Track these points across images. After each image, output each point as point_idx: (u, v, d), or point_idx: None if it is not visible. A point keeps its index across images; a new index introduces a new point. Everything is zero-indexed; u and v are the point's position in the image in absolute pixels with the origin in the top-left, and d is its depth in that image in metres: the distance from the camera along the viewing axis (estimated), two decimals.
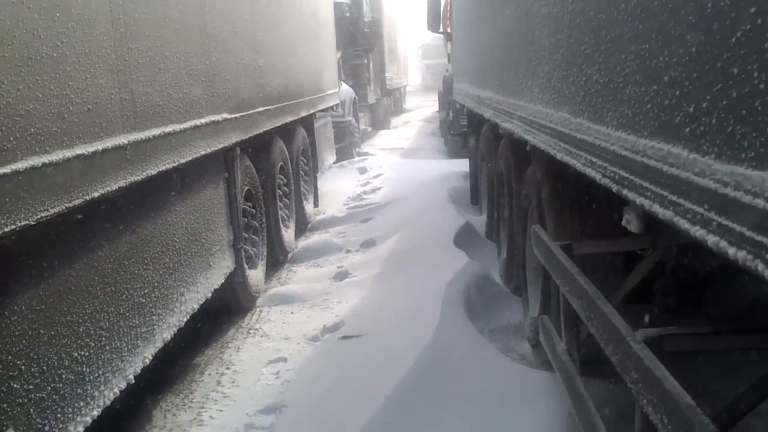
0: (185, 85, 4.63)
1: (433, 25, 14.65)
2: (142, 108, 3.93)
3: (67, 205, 3.08)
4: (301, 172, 9.41)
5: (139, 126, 3.89)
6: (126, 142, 3.68)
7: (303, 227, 9.45)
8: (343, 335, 5.67)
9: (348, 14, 17.01)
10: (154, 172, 4.01)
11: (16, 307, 2.90)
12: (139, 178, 3.82)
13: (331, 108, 11.59)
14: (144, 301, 4.12)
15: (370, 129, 20.60)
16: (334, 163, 12.85)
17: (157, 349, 4.24)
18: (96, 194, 3.33)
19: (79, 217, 3.37)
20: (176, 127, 4.40)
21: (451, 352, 4.94)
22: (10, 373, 2.83)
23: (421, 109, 32.28)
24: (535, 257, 4.51)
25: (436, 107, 24.13)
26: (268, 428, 4.42)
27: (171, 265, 4.56)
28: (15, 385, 2.85)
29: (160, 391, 5.01)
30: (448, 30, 14.02)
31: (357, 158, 15.03)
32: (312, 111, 9.57)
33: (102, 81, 3.50)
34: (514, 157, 6.29)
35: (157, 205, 4.41)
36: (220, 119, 5.29)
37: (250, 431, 4.42)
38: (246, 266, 6.40)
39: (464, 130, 14.61)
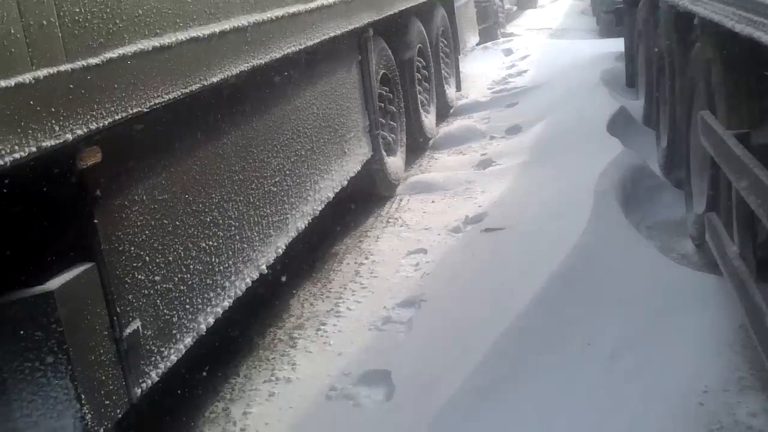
0: None
1: None
2: None
3: (183, 90, 2.92)
4: (441, 54, 9.02)
5: (261, 6, 3.66)
6: (246, 24, 3.47)
7: (444, 112, 9.12)
8: (486, 227, 5.40)
9: None
10: (278, 56, 3.80)
11: (137, 197, 2.80)
12: (262, 62, 3.63)
13: None
14: (275, 189, 3.98)
15: (515, 8, 19.65)
16: (477, 44, 12.30)
17: (291, 239, 4.14)
18: (214, 79, 3.16)
19: (203, 102, 3.22)
20: (302, 7, 4.15)
21: (603, 250, 4.54)
22: (135, 264, 2.75)
23: None
24: (702, 147, 4.05)
25: None
26: (405, 323, 4.28)
27: (303, 153, 4.41)
28: (140, 277, 2.78)
29: (298, 280, 4.96)
30: None
31: (501, 39, 14.37)
32: None
33: None
34: (677, 33, 5.67)
35: (285, 90, 4.22)
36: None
37: (388, 325, 4.29)
38: (384, 153, 6.20)
39: (618, 6, 13.66)
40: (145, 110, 2.69)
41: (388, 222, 5.89)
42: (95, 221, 2.55)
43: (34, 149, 2.14)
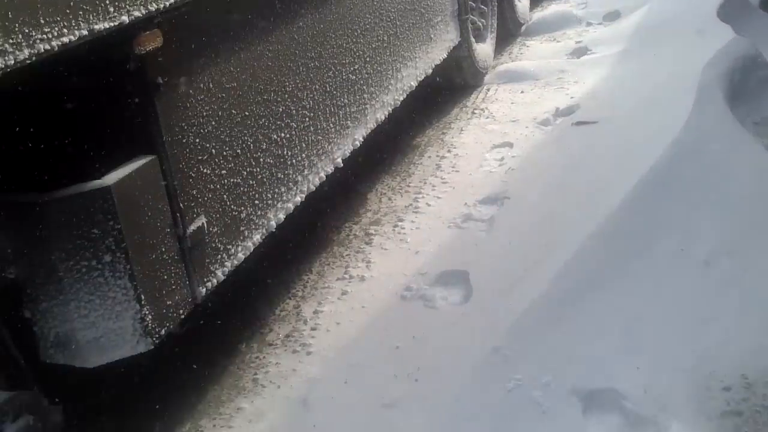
0: None
1: None
2: None
3: None
4: None
5: None
6: None
7: None
8: (578, 120, 5.06)
9: None
10: None
11: (203, 85, 2.62)
12: None
13: None
14: (354, 77, 3.76)
15: None
16: None
17: (369, 131, 3.93)
18: None
19: None
20: None
21: (703, 146, 4.16)
22: (199, 157, 2.60)
23: None
24: None
25: None
26: (487, 221, 4.06)
27: (385, 38, 4.14)
28: (205, 170, 2.63)
29: (376, 173, 4.77)
30: None
31: None
32: None
33: None
34: None
35: None
36: None
37: (468, 223, 4.08)
38: (472, 39, 5.85)
39: None
40: None
41: (473, 113, 5.60)
42: (156, 111, 2.38)
43: (85, 32, 1.96)
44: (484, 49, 6.15)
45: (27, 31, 1.80)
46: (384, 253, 3.89)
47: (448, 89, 5.93)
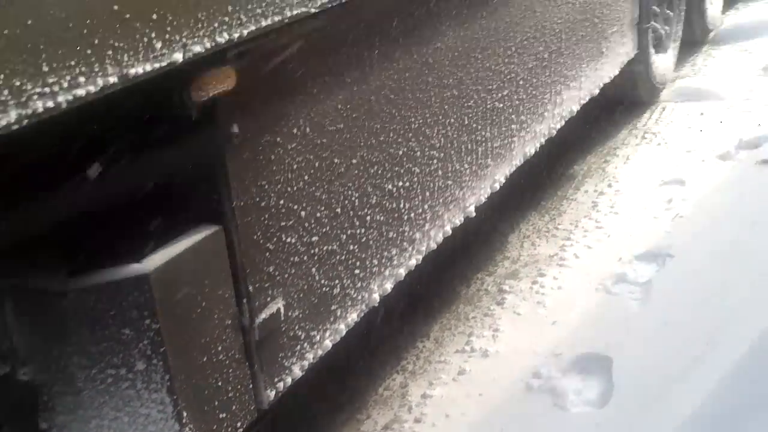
0: None
1: None
2: None
3: None
4: None
5: None
6: None
7: None
8: (764, 158, 4.21)
9: None
10: None
11: (294, 129, 2.03)
12: None
13: None
14: (501, 105, 3.08)
15: None
16: None
17: (515, 168, 3.26)
18: None
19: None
20: None
21: None
22: (282, 223, 2.01)
23: None
24: None
25: None
26: (642, 285, 3.33)
27: (546, 55, 3.43)
28: (289, 239, 2.04)
29: (522, 208, 4.08)
30: None
31: None
32: None
33: None
34: None
35: None
36: None
37: (620, 286, 3.35)
38: (651, 50, 5.00)
39: None
40: (313, 11, 1.88)
41: (643, 137, 4.78)
42: (224, 168, 1.82)
43: (114, 79, 1.40)
44: (663, 61, 5.28)
45: (19, 84, 1.25)
46: (516, 319, 3.22)
47: (617, 105, 5.11)
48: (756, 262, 3.30)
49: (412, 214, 2.56)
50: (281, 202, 2.00)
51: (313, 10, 1.88)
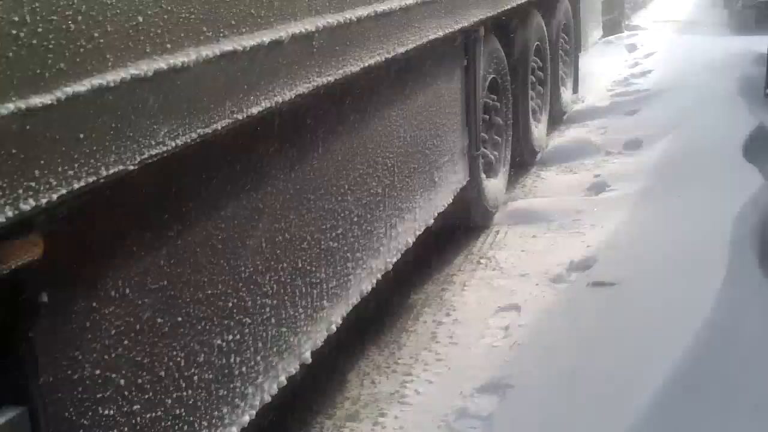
0: None
1: None
2: None
3: (202, 130, 1.99)
4: (560, 52, 7.88)
5: (337, 4, 2.69)
6: (312, 29, 2.51)
7: (558, 119, 7.98)
8: (594, 281, 4.34)
9: None
10: (354, 70, 2.83)
11: (113, 291, 1.89)
12: (332, 78, 2.67)
13: None
14: (336, 245, 3.04)
15: None
16: (600, 38, 11.06)
17: (350, 308, 3.20)
18: (255, 110, 2.22)
19: (229, 143, 2.29)
20: (394, 4, 3.17)
21: (738, 332, 3.54)
22: (99, 395, 1.85)
23: None
24: None
25: None
26: (484, 420, 3.30)
27: (379, 190, 3.44)
28: (107, 411, 1.88)
29: (362, 342, 4.00)
30: None
31: (626, 33, 13.01)
32: None
33: None
34: None
35: (361, 111, 3.25)
36: None
37: (462, 421, 3.31)
38: (483, 176, 5.17)
39: (761, 1, 12.21)
40: (131, 168, 1.78)
41: (479, 263, 4.87)
42: (30, 342, 1.65)
43: None
44: (495, 186, 5.48)
45: None
46: None
47: (452, 231, 5.21)
48: (589, 391, 3.34)
49: (244, 368, 2.43)
50: (97, 372, 1.84)
51: (131, 167, 1.77)
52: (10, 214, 1.46)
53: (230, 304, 2.35)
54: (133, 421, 1.96)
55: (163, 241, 2.06)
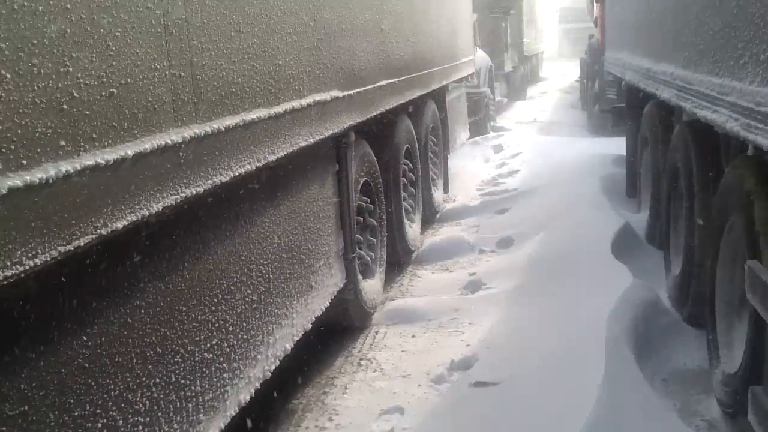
0: (279, 54, 3.43)
1: None
2: (208, 89, 2.74)
3: (64, 248, 1.93)
4: (430, 154, 8.14)
5: (204, 114, 2.71)
6: (179, 141, 2.50)
7: (431, 219, 8.20)
8: (476, 381, 4.38)
9: None
10: (224, 179, 2.83)
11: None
12: (201, 189, 2.65)
13: (466, 78, 10.23)
14: (210, 356, 2.97)
15: (506, 100, 19.04)
16: (467, 139, 11.50)
17: (228, 419, 3.10)
18: (120, 224, 2.17)
19: (94, 260, 2.23)
20: (263, 112, 3.21)
21: (620, 421, 3.64)
22: None
23: (559, 77, 30.32)
24: (738, 295, 3.46)
25: (575, 76, 22.33)
26: None
27: (254, 298, 3.41)
28: None
29: None
30: None
31: (492, 134, 13.60)
32: (445, 82, 8.27)
33: (139, 50, 2.32)
34: (698, 151, 4.85)
35: (232, 221, 3.24)
36: (329, 98, 4.08)
37: None
38: (360, 278, 5.20)
39: (616, 105, 12.93)
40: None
41: (359, 364, 4.85)
42: None
43: None
44: (372, 286, 5.51)
45: None
46: None
47: (331, 333, 5.18)
48: None
49: None
50: None
51: None
52: None
53: (99, 425, 2.24)
54: None
55: (24, 363, 1.96)
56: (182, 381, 2.74)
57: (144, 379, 2.49)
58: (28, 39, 1.82)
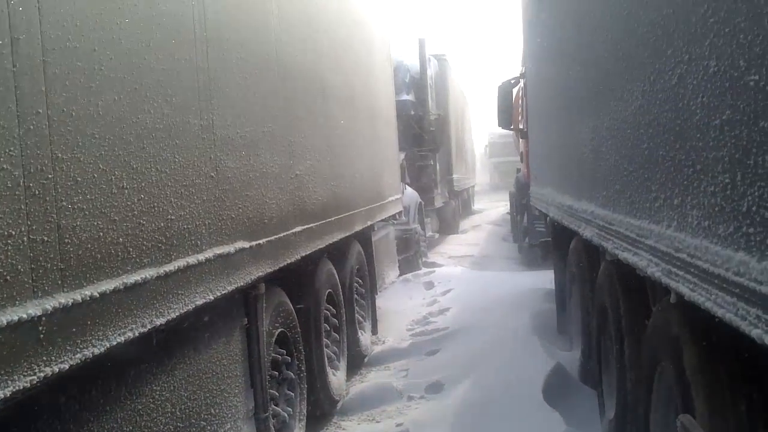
0: (172, 209, 3.21)
1: (504, 122, 13.29)
2: (79, 252, 2.49)
3: None
4: (355, 296, 7.91)
5: (72, 282, 2.44)
6: (38, 314, 2.23)
7: (358, 363, 7.88)
8: None
9: (412, 112, 15.76)
10: (98, 351, 2.54)
11: None
12: (66, 365, 2.35)
13: (393, 216, 10.16)
14: None
15: (437, 235, 19.09)
16: (398, 277, 11.31)
17: None
18: None
19: None
20: (150, 272, 2.95)
21: None
22: None
23: (491, 210, 30.76)
24: None
25: (506, 208, 22.65)
26: None
27: None
28: None
29: None
30: (521, 126, 12.64)
31: (423, 270, 13.47)
32: (369, 223, 8.14)
33: None
34: (624, 291, 4.72)
35: (113, 392, 2.92)
36: (233, 250, 3.85)
37: None
38: None
39: (544, 240, 12.95)
40: None
41: None
42: None
43: None
44: None
45: None
46: None
47: None
48: None
49: None
50: None
51: None
52: None
53: None
54: None
55: None
56: None
57: None
58: None
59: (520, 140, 14.45)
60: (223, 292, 3.69)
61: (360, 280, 8.19)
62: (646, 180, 3.43)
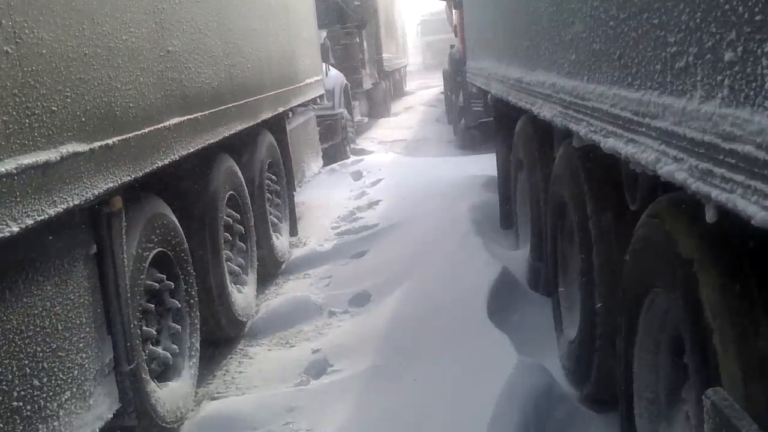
0: None
1: None
2: None
3: None
4: (268, 195, 6.80)
5: None
6: None
7: (273, 272, 6.84)
8: None
9: None
10: None
11: None
12: None
13: (314, 100, 8.98)
14: None
15: (366, 119, 17.87)
16: (322, 168, 10.20)
17: None
18: None
19: None
20: None
21: None
22: None
23: (424, 90, 29.49)
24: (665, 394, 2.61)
25: (440, 88, 21.50)
26: None
27: None
28: None
29: None
30: None
31: (350, 159, 12.34)
32: (282, 109, 6.96)
33: None
34: (595, 186, 3.71)
35: None
36: (56, 158, 2.71)
37: None
38: (152, 387, 3.81)
39: (483, 120, 11.94)
40: None
41: None
42: None
43: None
44: (176, 391, 4.11)
45: None
46: None
47: None
48: None
49: None
50: None
51: None
52: None
53: None
54: None
55: None
56: None
57: None
58: None
59: (453, 11, 13.20)
60: (40, 217, 2.57)
61: (273, 176, 7.06)
62: (658, 27, 2.29)
